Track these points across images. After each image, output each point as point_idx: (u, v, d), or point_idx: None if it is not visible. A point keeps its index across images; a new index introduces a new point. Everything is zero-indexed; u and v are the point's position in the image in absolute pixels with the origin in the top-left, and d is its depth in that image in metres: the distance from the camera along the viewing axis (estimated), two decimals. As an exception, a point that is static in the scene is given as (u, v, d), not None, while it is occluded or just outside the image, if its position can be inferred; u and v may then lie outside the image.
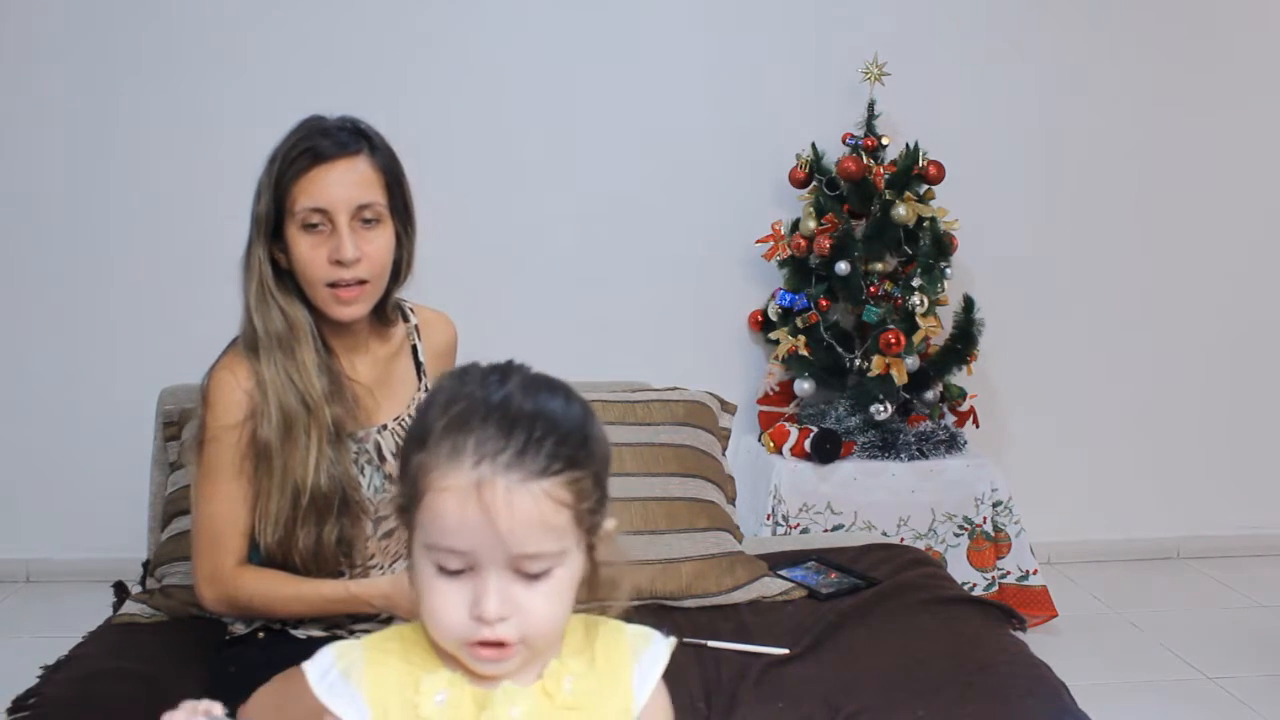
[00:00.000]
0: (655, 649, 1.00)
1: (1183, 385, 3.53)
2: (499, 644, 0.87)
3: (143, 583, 2.08)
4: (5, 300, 3.17)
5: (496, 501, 0.84)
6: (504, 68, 3.20)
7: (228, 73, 3.13)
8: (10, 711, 1.59)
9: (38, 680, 1.69)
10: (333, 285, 1.50)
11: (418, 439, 0.89)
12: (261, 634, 1.58)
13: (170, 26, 3.11)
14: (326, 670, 0.91)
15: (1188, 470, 3.55)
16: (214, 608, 1.56)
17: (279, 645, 1.56)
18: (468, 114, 3.14)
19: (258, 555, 1.57)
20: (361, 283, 1.51)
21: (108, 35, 3.10)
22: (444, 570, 0.87)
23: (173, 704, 0.96)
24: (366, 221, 1.50)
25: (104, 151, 3.13)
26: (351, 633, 1.58)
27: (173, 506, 2.09)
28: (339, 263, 1.48)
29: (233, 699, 1.52)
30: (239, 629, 1.62)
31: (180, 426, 2.18)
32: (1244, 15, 3.43)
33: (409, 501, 0.89)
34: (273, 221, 1.49)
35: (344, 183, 1.48)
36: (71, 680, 1.67)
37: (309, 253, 1.48)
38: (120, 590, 2.09)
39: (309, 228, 1.47)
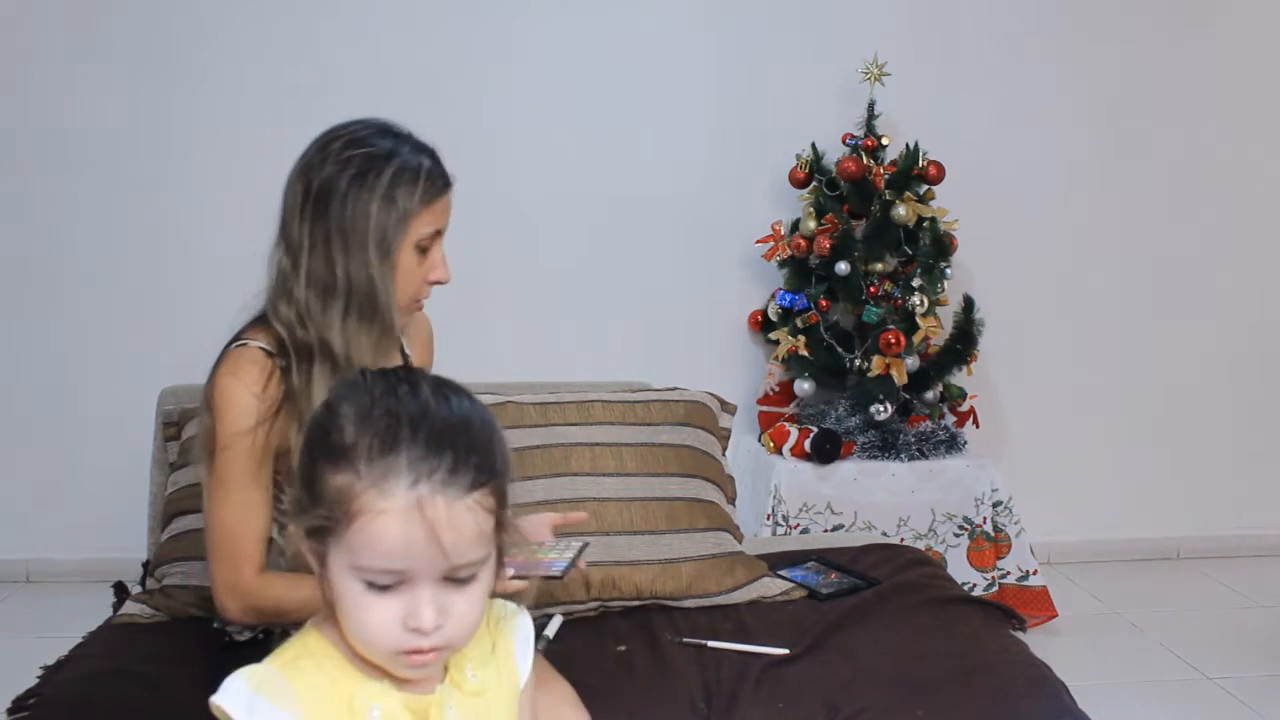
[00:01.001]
0: (522, 620, 1.04)
1: (1183, 385, 3.53)
2: (431, 650, 0.88)
3: (143, 583, 2.08)
4: (5, 300, 3.17)
5: (440, 519, 0.85)
6: (503, 68, 3.20)
7: (229, 74, 3.13)
8: (10, 711, 1.59)
9: (38, 680, 1.69)
10: (417, 300, 1.59)
11: (334, 457, 0.87)
12: (261, 635, 1.58)
13: (173, 27, 3.11)
14: (250, 699, 0.90)
15: (1188, 470, 3.55)
16: (239, 618, 1.54)
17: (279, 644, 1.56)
18: (467, 114, 3.14)
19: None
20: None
21: (108, 33, 3.09)
22: (374, 586, 0.87)
23: (173, 704, 0.97)
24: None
25: (105, 151, 3.13)
26: None
27: (173, 506, 2.09)
28: (435, 283, 1.56)
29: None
30: (241, 638, 1.60)
31: (180, 427, 2.18)
32: (1245, 14, 3.43)
33: (332, 524, 0.87)
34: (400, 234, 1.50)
35: (448, 210, 1.56)
36: (71, 680, 1.67)
37: (416, 270, 1.53)
38: (120, 590, 2.09)
39: (422, 250, 1.53)
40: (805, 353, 3.08)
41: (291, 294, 1.50)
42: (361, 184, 1.47)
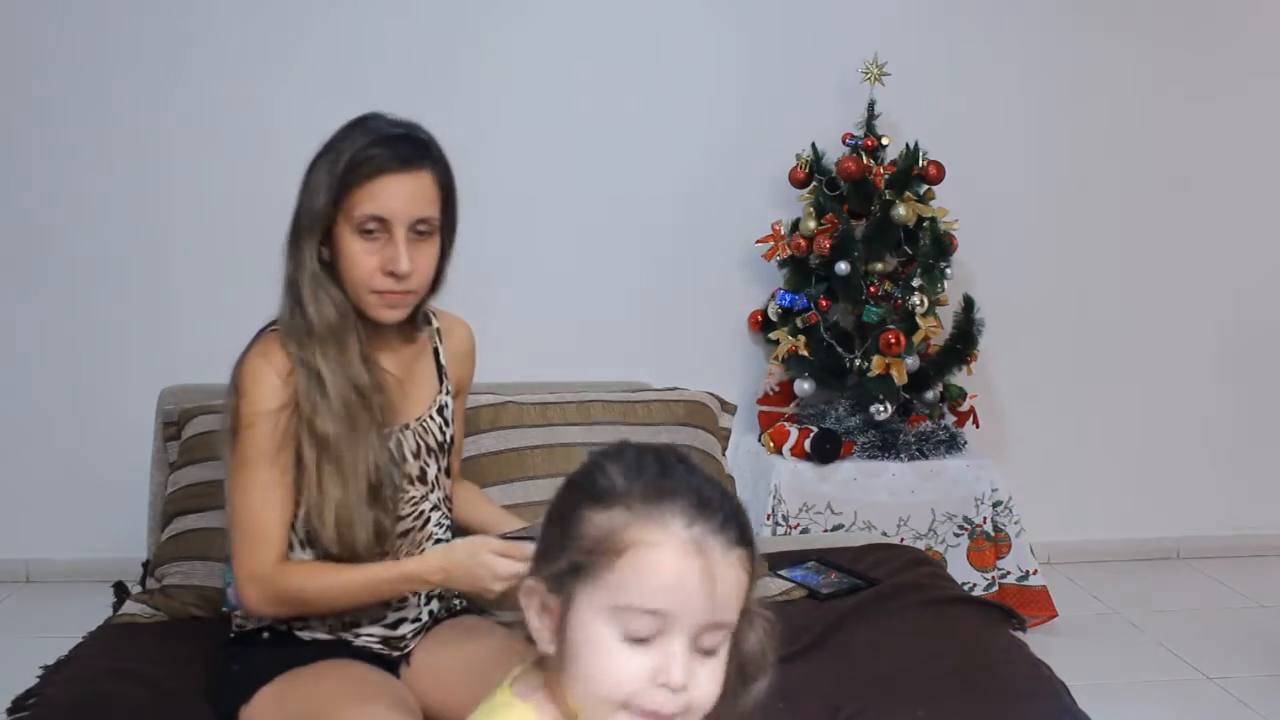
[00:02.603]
0: None
1: (1183, 385, 3.53)
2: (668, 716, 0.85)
3: (143, 583, 2.08)
4: (5, 300, 3.17)
5: (715, 562, 0.85)
6: (504, 67, 3.20)
7: (228, 72, 3.12)
8: (10, 711, 1.59)
9: (38, 680, 1.68)
10: (378, 292, 1.50)
11: (602, 498, 0.87)
12: (266, 634, 1.58)
13: (175, 26, 3.11)
14: None
15: (1188, 470, 3.55)
16: (259, 608, 1.50)
17: (282, 645, 1.56)
18: (467, 113, 3.13)
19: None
20: (408, 292, 1.51)
21: (108, 33, 3.09)
22: (629, 637, 0.85)
23: (173, 704, 0.95)
24: (420, 234, 1.49)
25: (104, 151, 3.13)
26: (357, 635, 1.59)
27: (173, 506, 2.09)
28: (392, 274, 1.47)
29: (235, 698, 1.52)
30: (247, 624, 1.60)
31: (180, 426, 2.18)
32: (1245, 14, 3.43)
33: (592, 560, 0.86)
34: (328, 219, 1.47)
35: (407, 195, 1.46)
36: (71, 680, 1.67)
37: (362, 258, 1.47)
38: (120, 590, 2.09)
39: (365, 233, 1.46)
40: (805, 353, 3.07)
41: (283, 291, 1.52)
42: (306, 179, 1.48)
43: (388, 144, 1.46)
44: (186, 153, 3.14)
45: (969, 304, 3.06)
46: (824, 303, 3.08)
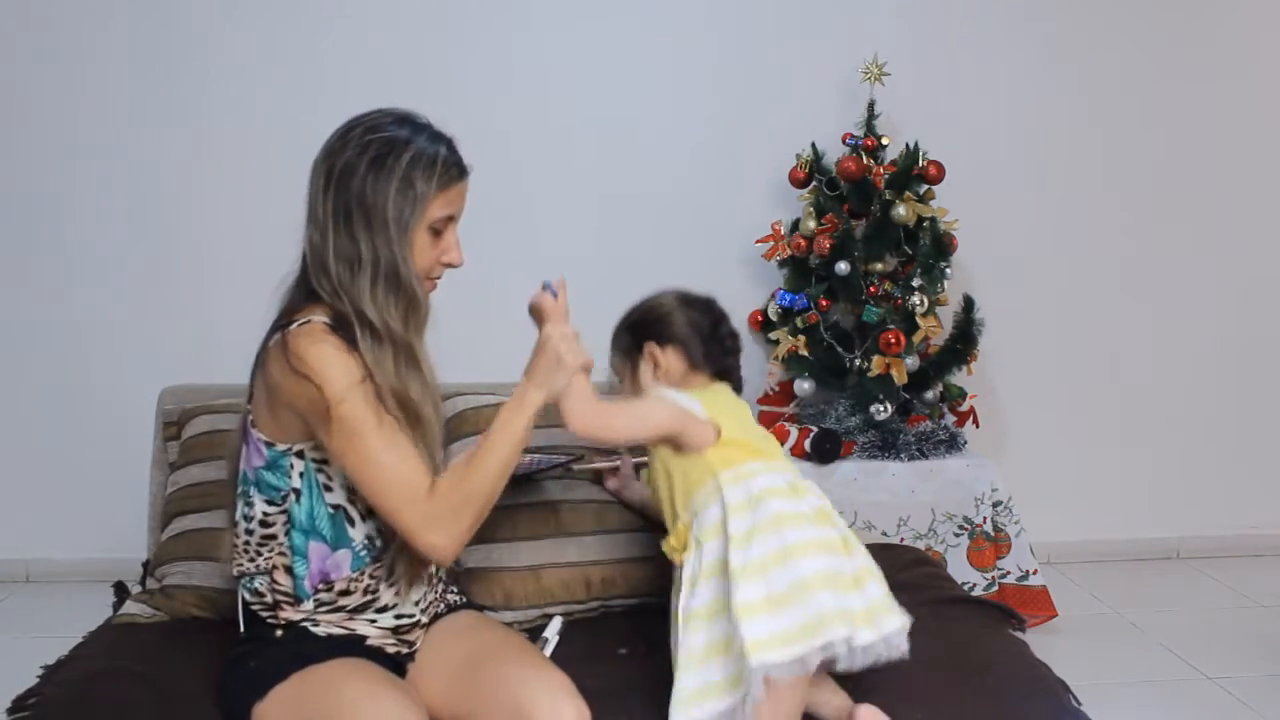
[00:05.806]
0: None
1: (1183, 385, 3.53)
2: None
3: (143, 583, 2.08)
4: (6, 300, 3.17)
5: None
6: (504, 67, 3.20)
7: (229, 73, 3.13)
8: (10, 711, 1.59)
9: (38, 680, 1.69)
10: (433, 279, 1.65)
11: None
12: (280, 631, 1.58)
13: (170, 25, 3.11)
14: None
15: (1188, 470, 3.55)
16: (453, 544, 1.50)
17: (298, 641, 1.56)
18: (467, 113, 3.12)
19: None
20: None
21: (114, 30, 3.10)
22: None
23: (173, 704, 0.96)
24: None
25: (105, 150, 3.13)
26: (373, 621, 1.59)
27: (173, 506, 2.09)
28: (448, 265, 1.63)
29: (250, 695, 1.52)
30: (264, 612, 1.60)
31: (180, 426, 2.18)
32: (1246, 16, 3.43)
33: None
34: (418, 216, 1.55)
35: (463, 197, 1.64)
36: (71, 680, 1.67)
37: (428, 251, 1.59)
38: (120, 590, 2.09)
39: (434, 232, 1.58)
40: (805, 352, 3.08)
41: (325, 267, 1.52)
42: (380, 167, 1.51)
43: (453, 149, 1.60)
44: (187, 152, 3.14)
45: (969, 304, 3.06)
46: (824, 303, 3.08)
